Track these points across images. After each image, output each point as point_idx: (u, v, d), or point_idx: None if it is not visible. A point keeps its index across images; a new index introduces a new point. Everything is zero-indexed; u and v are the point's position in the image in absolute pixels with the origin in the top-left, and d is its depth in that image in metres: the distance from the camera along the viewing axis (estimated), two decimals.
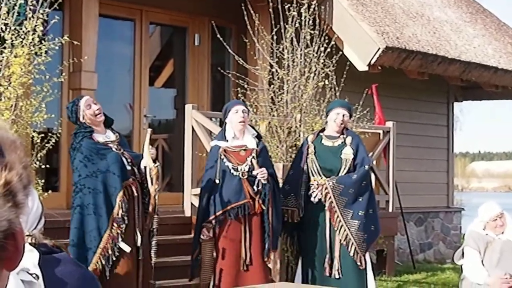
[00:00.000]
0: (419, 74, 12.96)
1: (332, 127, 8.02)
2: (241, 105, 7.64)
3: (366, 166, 7.88)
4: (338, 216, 7.72)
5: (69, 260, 1.54)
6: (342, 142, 7.94)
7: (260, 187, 7.41)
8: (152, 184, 6.93)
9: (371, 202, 7.90)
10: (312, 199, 7.85)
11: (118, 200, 6.76)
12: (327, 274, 7.74)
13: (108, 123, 7.21)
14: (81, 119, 7.01)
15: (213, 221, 7.36)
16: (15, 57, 7.34)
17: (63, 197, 9.95)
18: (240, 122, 7.47)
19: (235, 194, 7.38)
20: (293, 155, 9.80)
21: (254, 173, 7.41)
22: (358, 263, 7.70)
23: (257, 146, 7.53)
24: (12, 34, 7.41)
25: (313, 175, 7.91)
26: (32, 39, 7.44)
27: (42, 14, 7.55)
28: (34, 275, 1.37)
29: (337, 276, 7.72)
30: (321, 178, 7.85)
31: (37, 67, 7.52)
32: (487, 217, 7.49)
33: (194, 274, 7.55)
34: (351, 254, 7.70)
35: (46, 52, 7.55)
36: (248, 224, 7.43)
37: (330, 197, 7.75)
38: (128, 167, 6.96)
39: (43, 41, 7.58)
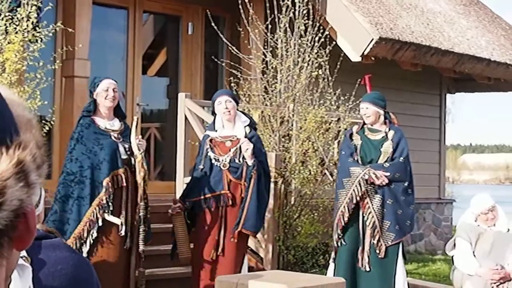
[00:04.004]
0: (412, 66, 12.97)
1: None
2: (224, 96, 7.60)
3: (401, 158, 7.84)
4: (367, 203, 7.69)
5: (64, 246, 1.54)
6: (383, 136, 7.93)
7: (244, 170, 7.39)
8: (138, 172, 7.00)
9: (405, 195, 7.83)
10: None
11: (104, 184, 6.79)
12: (360, 265, 7.70)
13: (120, 114, 7.24)
14: (94, 95, 7.07)
15: (186, 204, 7.43)
16: (9, 43, 7.33)
17: (55, 184, 9.91)
18: (224, 112, 7.49)
19: (214, 184, 7.42)
20: (286, 145, 9.82)
21: (240, 144, 7.42)
22: (377, 251, 7.63)
23: (247, 135, 7.50)
24: (6, 21, 7.39)
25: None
26: (27, 25, 7.43)
27: (36, 1, 7.54)
28: (24, 258, 1.37)
29: (367, 269, 7.67)
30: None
31: (31, 54, 7.51)
32: (479, 209, 7.50)
33: (174, 253, 7.57)
34: (374, 241, 7.64)
35: (40, 39, 7.55)
36: (225, 215, 7.43)
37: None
38: (124, 156, 7.01)
39: (37, 28, 7.57)
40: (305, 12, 10.10)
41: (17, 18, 7.42)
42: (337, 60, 10.46)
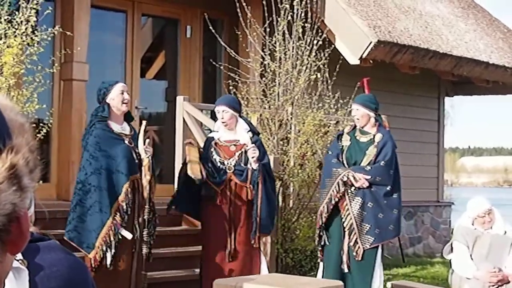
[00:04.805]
0: (411, 69, 12.97)
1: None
2: (222, 106, 7.81)
3: (383, 162, 7.85)
4: (346, 205, 7.73)
5: (59, 248, 1.54)
6: (371, 139, 7.95)
7: (250, 174, 7.54)
8: (144, 176, 7.05)
9: (388, 199, 7.84)
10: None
11: (123, 191, 6.80)
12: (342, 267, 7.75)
13: (128, 119, 7.27)
14: (107, 99, 7.05)
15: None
16: (8, 47, 7.33)
17: (53, 187, 9.94)
18: (221, 122, 7.74)
19: (218, 180, 7.66)
20: (284, 148, 9.82)
21: (247, 150, 7.57)
22: (354, 254, 7.67)
23: (250, 141, 7.68)
24: (5, 24, 7.39)
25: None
26: (25, 29, 7.43)
27: (35, 4, 7.54)
28: (20, 261, 1.37)
29: (345, 270, 7.70)
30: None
31: (29, 57, 7.51)
32: (475, 213, 7.51)
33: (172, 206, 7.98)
34: (351, 244, 7.68)
35: (38, 42, 7.55)
36: (233, 215, 7.61)
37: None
38: (137, 161, 7.06)
39: (35, 32, 7.57)
40: (303, 15, 10.09)
41: (16, 21, 7.42)
42: (335, 63, 10.46)
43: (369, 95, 8.45)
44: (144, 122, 7.33)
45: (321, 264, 8.01)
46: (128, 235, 6.89)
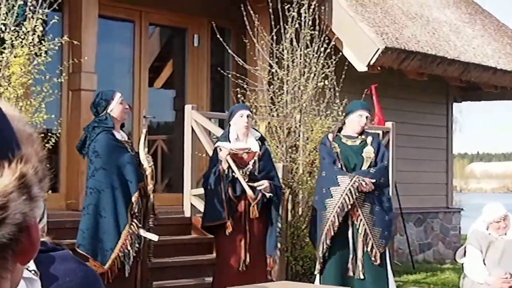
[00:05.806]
0: (419, 75, 12.96)
1: (354, 128, 8.04)
2: (246, 110, 7.81)
3: (385, 162, 7.90)
4: (357, 211, 7.72)
5: (72, 258, 1.54)
6: (362, 141, 7.97)
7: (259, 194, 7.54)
8: (148, 184, 7.06)
9: (388, 201, 7.90)
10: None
11: (133, 200, 6.81)
12: (351, 274, 7.72)
13: (122, 124, 7.30)
14: (109, 110, 7.06)
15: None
16: (15, 57, 7.34)
17: (62, 197, 9.95)
18: (244, 126, 7.65)
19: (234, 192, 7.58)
20: (293, 155, 9.81)
21: (256, 185, 7.51)
22: (373, 258, 7.67)
23: (260, 149, 7.66)
24: (12, 35, 7.41)
25: None
26: (32, 39, 7.44)
27: (41, 14, 7.55)
28: (33, 271, 1.37)
29: (361, 277, 7.69)
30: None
31: (37, 67, 7.52)
32: (491, 218, 7.50)
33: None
34: (368, 249, 7.67)
35: (46, 52, 7.55)
36: (249, 226, 7.58)
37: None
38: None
39: (43, 42, 7.58)
40: (310, 22, 10.10)
41: (23, 31, 7.44)
42: (343, 70, 10.46)
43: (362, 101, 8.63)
44: (144, 130, 7.32)
45: (317, 276, 7.98)
46: (154, 237, 6.91)
